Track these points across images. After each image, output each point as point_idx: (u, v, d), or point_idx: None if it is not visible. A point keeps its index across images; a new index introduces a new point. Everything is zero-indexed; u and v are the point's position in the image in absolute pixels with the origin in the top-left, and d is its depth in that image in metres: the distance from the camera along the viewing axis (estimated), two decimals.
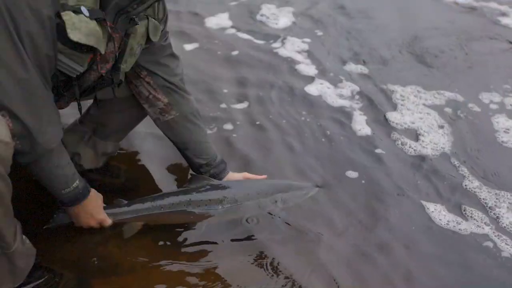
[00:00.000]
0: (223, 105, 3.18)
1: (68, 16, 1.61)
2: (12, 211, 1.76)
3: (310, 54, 3.82)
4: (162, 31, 2.05)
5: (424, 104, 3.31)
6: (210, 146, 2.33)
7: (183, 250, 2.18)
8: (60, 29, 1.62)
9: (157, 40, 2.03)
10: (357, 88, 3.44)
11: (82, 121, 2.37)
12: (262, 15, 4.36)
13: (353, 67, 3.71)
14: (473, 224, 2.46)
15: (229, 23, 4.19)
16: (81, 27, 1.64)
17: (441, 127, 3.11)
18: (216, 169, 2.32)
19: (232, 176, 2.38)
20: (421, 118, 3.18)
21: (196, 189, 2.20)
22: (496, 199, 2.61)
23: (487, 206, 2.57)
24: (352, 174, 2.71)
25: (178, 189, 2.34)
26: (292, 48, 3.88)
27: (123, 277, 2.06)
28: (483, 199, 2.62)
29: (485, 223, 2.48)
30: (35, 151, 1.74)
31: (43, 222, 2.17)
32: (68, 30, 1.62)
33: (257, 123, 3.05)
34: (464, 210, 2.53)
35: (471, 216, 2.50)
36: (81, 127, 2.36)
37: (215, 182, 2.26)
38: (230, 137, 2.91)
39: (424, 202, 2.56)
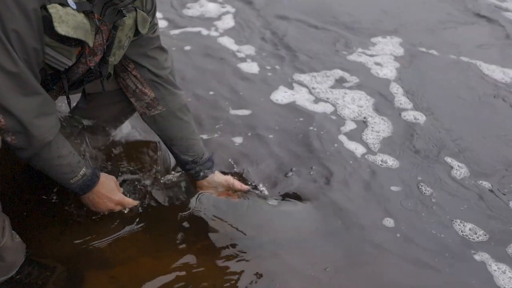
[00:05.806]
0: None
1: (54, 9, 1.58)
2: (0, 206, 1.75)
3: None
4: (150, 23, 2.03)
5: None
6: (197, 143, 2.29)
7: (173, 242, 2.18)
8: (47, 22, 1.59)
9: (145, 32, 2.01)
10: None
11: (71, 115, 2.35)
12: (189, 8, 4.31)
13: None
14: None
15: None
16: (68, 20, 1.62)
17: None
18: (202, 167, 2.30)
19: (217, 177, 2.34)
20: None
21: None
22: None
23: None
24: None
25: None
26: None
27: (114, 269, 2.06)
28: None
29: None
30: (32, 145, 1.72)
31: (34, 217, 2.17)
32: (55, 24, 1.59)
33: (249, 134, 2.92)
34: None
35: None
36: (71, 121, 2.34)
37: None
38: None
39: None
